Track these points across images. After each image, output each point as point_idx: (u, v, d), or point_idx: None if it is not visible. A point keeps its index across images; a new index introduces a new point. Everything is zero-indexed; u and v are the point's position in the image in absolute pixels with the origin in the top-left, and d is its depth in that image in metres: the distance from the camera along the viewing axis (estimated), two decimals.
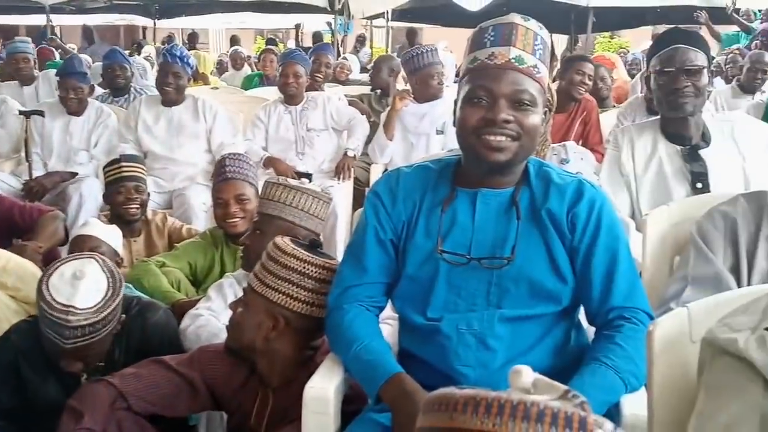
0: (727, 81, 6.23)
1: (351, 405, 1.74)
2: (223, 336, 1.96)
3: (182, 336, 2.22)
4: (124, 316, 2.05)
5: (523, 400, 0.67)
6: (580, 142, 4.18)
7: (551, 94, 2.27)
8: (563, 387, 0.71)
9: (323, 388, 1.68)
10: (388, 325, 1.89)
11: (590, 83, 4.40)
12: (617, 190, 2.54)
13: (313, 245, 1.90)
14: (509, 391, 0.69)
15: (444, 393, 0.72)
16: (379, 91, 5.57)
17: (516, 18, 1.61)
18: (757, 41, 8.18)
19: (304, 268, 1.81)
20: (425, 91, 4.25)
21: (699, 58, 2.42)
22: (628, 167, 2.53)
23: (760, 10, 9.34)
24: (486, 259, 1.61)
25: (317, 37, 11.74)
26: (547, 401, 0.67)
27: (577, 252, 1.61)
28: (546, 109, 2.23)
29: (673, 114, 2.46)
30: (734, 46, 8.27)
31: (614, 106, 5.15)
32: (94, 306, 1.90)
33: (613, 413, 1.54)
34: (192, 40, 12.36)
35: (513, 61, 1.57)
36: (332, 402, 1.67)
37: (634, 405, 1.52)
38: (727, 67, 6.49)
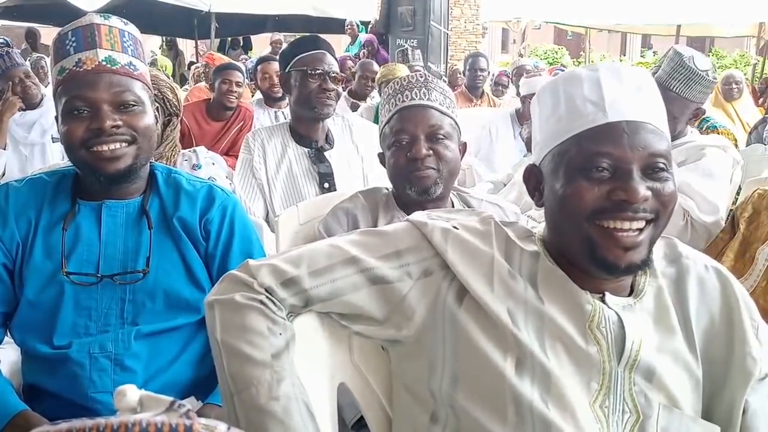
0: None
1: None
2: None
3: None
4: None
5: (125, 421, 0.63)
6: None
7: (177, 99, 2.21)
8: (169, 399, 0.69)
9: None
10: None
11: (240, 89, 4.36)
12: (251, 193, 2.59)
13: None
14: (115, 416, 0.65)
15: None
16: None
17: (95, 18, 1.52)
18: (364, 50, 9.06)
19: None
20: (23, 96, 3.92)
21: (337, 68, 2.61)
22: (260, 170, 2.59)
23: (363, 22, 10.36)
24: (119, 275, 1.52)
25: None
26: (150, 417, 0.64)
27: (213, 258, 1.59)
28: (171, 113, 2.19)
29: (317, 113, 2.57)
30: (344, 54, 9.05)
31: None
32: None
33: None
34: None
35: (104, 63, 1.48)
36: None
37: None
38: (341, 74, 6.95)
